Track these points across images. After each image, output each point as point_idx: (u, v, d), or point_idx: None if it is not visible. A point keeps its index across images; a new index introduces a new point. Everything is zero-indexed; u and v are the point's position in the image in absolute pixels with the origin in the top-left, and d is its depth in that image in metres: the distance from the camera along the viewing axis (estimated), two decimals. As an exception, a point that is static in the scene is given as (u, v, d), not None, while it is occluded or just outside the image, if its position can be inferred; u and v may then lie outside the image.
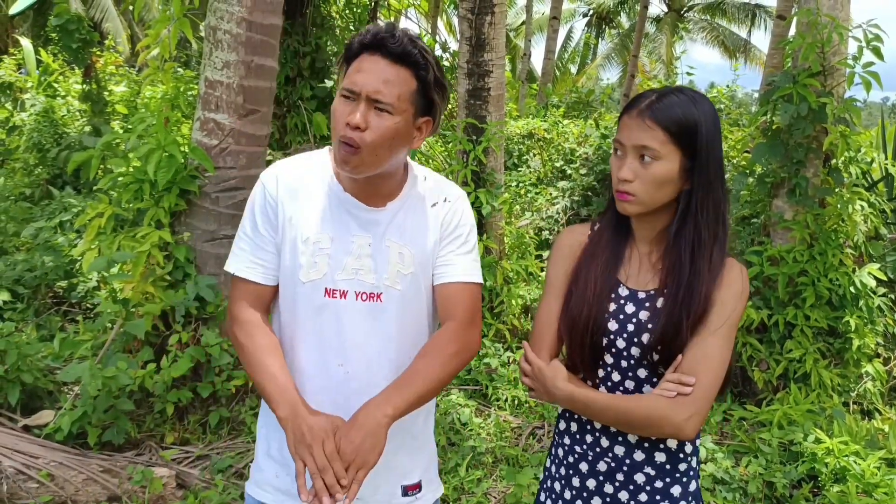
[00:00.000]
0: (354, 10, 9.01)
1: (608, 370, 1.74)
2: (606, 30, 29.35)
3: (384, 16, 8.87)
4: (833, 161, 5.08)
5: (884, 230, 5.59)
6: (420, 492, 1.88)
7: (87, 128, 9.30)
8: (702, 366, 1.62)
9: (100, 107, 9.55)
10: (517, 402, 4.84)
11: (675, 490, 1.75)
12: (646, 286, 1.74)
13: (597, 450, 1.77)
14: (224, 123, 4.20)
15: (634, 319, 1.71)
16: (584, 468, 1.79)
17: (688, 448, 1.77)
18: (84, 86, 9.78)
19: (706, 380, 1.61)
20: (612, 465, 1.75)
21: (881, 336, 5.24)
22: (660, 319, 1.67)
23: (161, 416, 4.11)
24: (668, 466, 1.74)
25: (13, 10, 13.79)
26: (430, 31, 18.59)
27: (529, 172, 9.88)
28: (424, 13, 16.10)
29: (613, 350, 1.73)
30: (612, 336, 1.72)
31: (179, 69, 7.81)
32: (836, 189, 5.03)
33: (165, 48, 4.63)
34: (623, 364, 1.72)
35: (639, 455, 1.73)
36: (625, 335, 1.71)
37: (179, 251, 4.15)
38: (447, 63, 9.02)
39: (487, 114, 6.00)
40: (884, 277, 5.13)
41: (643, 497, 1.74)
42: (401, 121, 1.65)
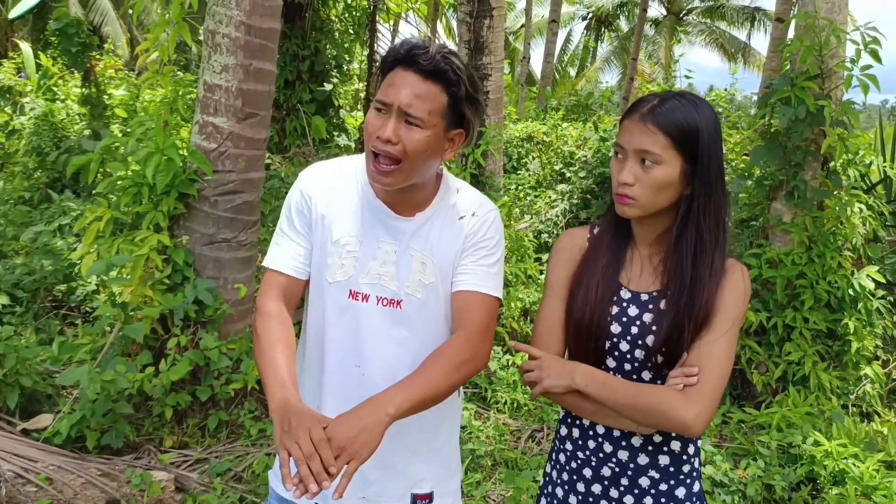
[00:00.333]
0: (353, 14, 9.03)
1: (611, 373, 1.74)
2: (605, 33, 29.37)
3: (383, 20, 8.88)
4: (831, 164, 5.08)
5: (882, 232, 5.60)
6: (430, 502, 1.88)
7: (87, 131, 9.30)
8: (707, 364, 1.62)
9: (99, 110, 9.54)
10: (516, 405, 4.84)
11: (680, 492, 1.76)
12: (647, 288, 1.74)
13: (600, 455, 1.77)
14: (223, 127, 4.21)
15: (638, 322, 1.71)
16: (589, 473, 1.79)
17: (690, 450, 1.77)
18: (83, 89, 9.77)
19: (712, 377, 1.62)
20: (617, 470, 1.75)
21: (880, 338, 5.24)
22: (663, 323, 1.67)
23: (160, 420, 4.11)
24: (672, 469, 1.75)
25: (13, 14, 13.81)
26: (430, 35, 18.60)
27: (528, 175, 9.89)
28: (423, 17, 16.12)
29: (616, 353, 1.73)
30: (616, 339, 1.72)
31: (178, 73, 7.82)
32: (835, 192, 5.03)
33: (164, 52, 4.63)
34: (627, 367, 1.73)
35: (643, 459, 1.74)
36: (628, 338, 1.71)
37: (178, 255, 4.15)
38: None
39: (486, 117, 6.02)
40: (882, 280, 5.14)
41: (648, 500, 1.75)
42: (431, 134, 1.68)
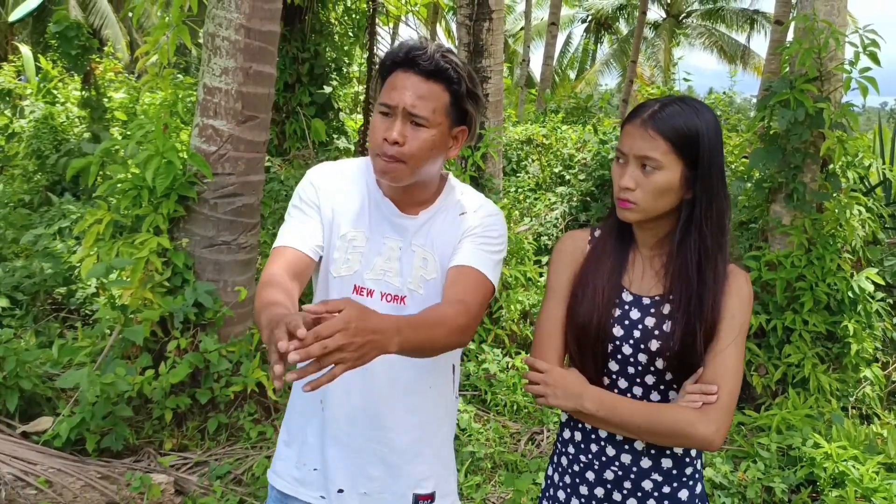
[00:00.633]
0: (353, 17, 9.04)
1: (613, 377, 1.74)
2: (605, 35, 29.40)
3: (382, 22, 8.89)
4: (830, 166, 5.09)
5: (881, 235, 5.61)
6: (432, 503, 1.88)
7: (87, 134, 9.29)
8: (722, 377, 1.63)
9: (99, 113, 9.54)
10: (516, 408, 4.84)
11: (683, 494, 1.75)
12: (649, 291, 1.74)
13: (603, 458, 1.76)
14: (222, 130, 4.21)
15: (640, 325, 1.71)
16: (591, 477, 1.78)
17: (692, 451, 1.77)
18: (83, 92, 9.78)
19: (727, 390, 1.63)
20: (620, 474, 1.75)
21: (879, 340, 5.24)
22: (673, 330, 1.67)
23: (159, 423, 4.11)
24: (675, 472, 1.74)
25: (13, 17, 13.83)
26: (429, 38, 18.60)
27: (528, 178, 9.89)
28: (423, 19, 16.13)
29: (619, 356, 1.72)
30: (618, 342, 1.72)
31: (178, 76, 7.83)
32: (834, 194, 5.03)
33: (164, 55, 4.64)
34: (630, 370, 1.72)
35: (645, 462, 1.73)
36: (631, 341, 1.71)
37: (178, 257, 4.16)
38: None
39: (486, 119, 6.03)
40: (882, 282, 5.14)
41: (651, 503, 1.75)
42: (436, 133, 1.72)
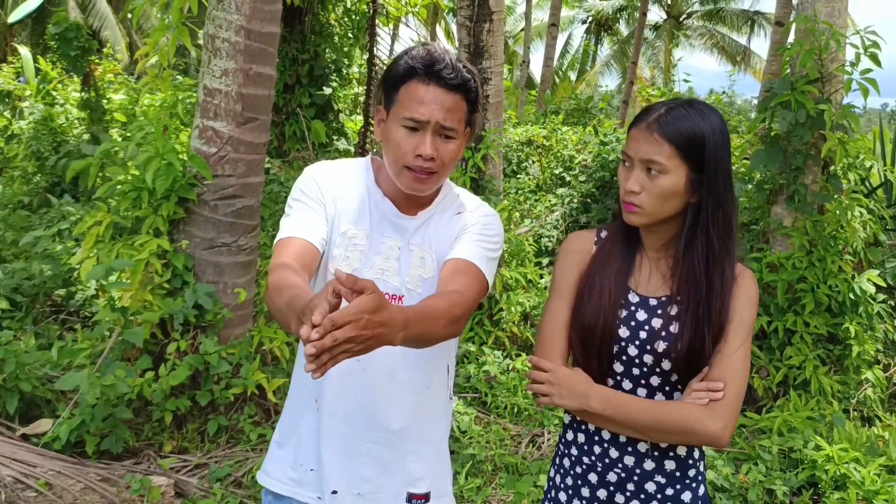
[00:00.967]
0: (353, 18, 9.03)
1: (618, 378, 1.73)
2: (605, 37, 29.41)
3: (382, 23, 8.89)
4: (832, 167, 5.08)
5: (883, 236, 5.59)
6: (427, 503, 1.87)
7: (86, 136, 9.30)
8: (729, 375, 1.63)
9: (98, 115, 9.55)
10: (516, 410, 4.83)
11: (686, 496, 1.75)
12: (656, 293, 1.74)
13: (606, 460, 1.76)
14: (222, 131, 4.20)
15: (647, 327, 1.71)
16: (594, 479, 1.78)
17: (696, 454, 1.77)
18: (83, 94, 9.78)
19: (734, 387, 1.63)
20: (623, 476, 1.74)
21: (881, 342, 5.24)
22: (681, 332, 1.67)
23: (159, 425, 4.10)
24: (679, 473, 1.74)
25: (12, 19, 13.83)
26: (429, 39, 18.63)
27: (528, 179, 9.89)
28: (423, 20, 16.15)
29: (624, 357, 1.72)
30: (624, 343, 1.71)
31: (178, 77, 7.83)
32: (835, 195, 5.03)
33: (164, 56, 4.63)
34: (635, 372, 1.72)
35: (649, 464, 1.73)
36: (637, 342, 1.70)
37: (178, 259, 4.15)
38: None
39: (486, 121, 6.02)
40: (883, 284, 5.14)
41: None
42: (461, 142, 1.76)
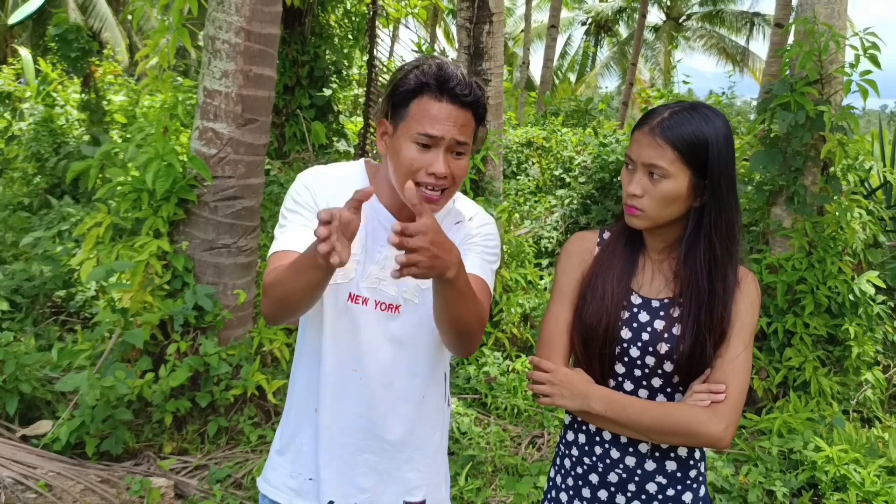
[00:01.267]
0: (353, 20, 9.03)
1: (619, 380, 1.73)
2: (605, 38, 29.43)
3: (382, 24, 8.89)
4: (831, 169, 5.08)
5: (882, 238, 5.60)
6: None
7: (86, 137, 9.30)
8: (730, 377, 1.63)
9: (98, 116, 9.55)
10: (516, 411, 4.83)
11: (687, 497, 1.75)
12: (658, 295, 1.73)
13: (607, 461, 1.76)
14: (222, 133, 4.20)
15: (649, 328, 1.70)
16: (595, 479, 1.77)
17: (697, 454, 1.77)
18: (83, 95, 9.78)
19: (736, 389, 1.63)
20: (624, 476, 1.74)
21: (880, 344, 5.24)
22: (683, 334, 1.67)
23: (159, 426, 4.10)
24: (679, 474, 1.74)
25: (12, 20, 13.84)
26: (429, 40, 18.64)
27: (528, 181, 9.90)
28: (423, 22, 16.15)
29: (626, 359, 1.72)
30: (626, 344, 1.71)
31: (178, 78, 7.82)
32: (835, 197, 5.03)
33: (164, 58, 4.64)
34: (636, 373, 1.72)
35: (650, 465, 1.73)
36: (639, 344, 1.70)
37: (178, 260, 4.15)
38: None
39: (486, 122, 6.02)
40: (883, 285, 5.14)
41: None
42: (469, 156, 1.74)
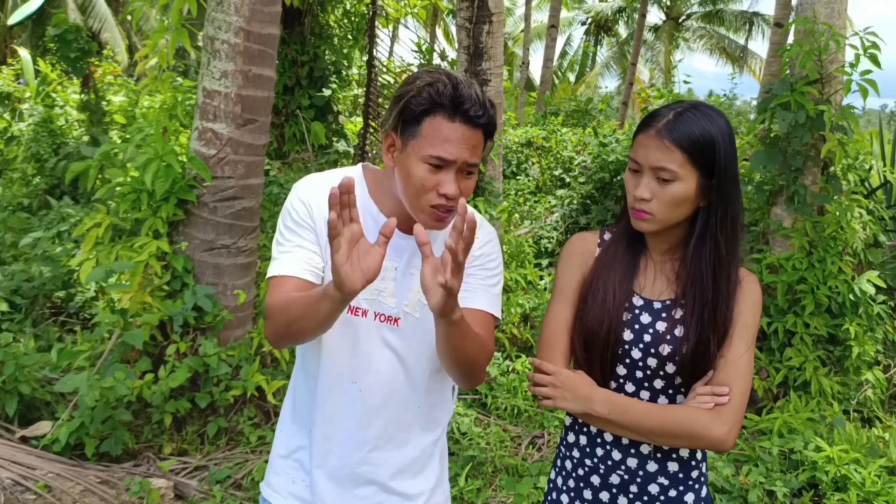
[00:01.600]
0: (352, 20, 9.03)
1: (620, 381, 1.73)
2: (605, 38, 29.43)
3: (382, 25, 8.88)
4: (831, 168, 5.08)
5: (883, 237, 5.60)
6: None
7: (86, 138, 9.29)
8: (733, 379, 1.63)
9: (98, 117, 9.54)
10: (517, 412, 4.82)
11: (689, 497, 1.75)
12: (660, 296, 1.73)
13: (608, 462, 1.75)
14: (222, 133, 4.20)
15: (651, 330, 1.70)
16: (597, 481, 1.77)
17: (698, 455, 1.76)
18: (82, 96, 9.77)
19: (738, 391, 1.62)
20: (626, 478, 1.73)
21: (881, 343, 5.23)
22: (686, 335, 1.66)
23: (159, 427, 4.10)
24: (681, 475, 1.74)
25: (11, 21, 13.83)
26: (428, 40, 18.64)
27: (528, 181, 9.90)
28: (422, 22, 16.16)
29: (628, 360, 1.71)
30: (627, 346, 1.70)
31: (178, 79, 7.82)
32: (835, 196, 5.03)
33: (163, 58, 4.63)
34: (638, 374, 1.71)
35: (652, 466, 1.72)
36: (641, 345, 1.69)
37: (177, 261, 4.14)
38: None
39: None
40: (883, 285, 5.13)
41: None
42: (477, 173, 1.70)
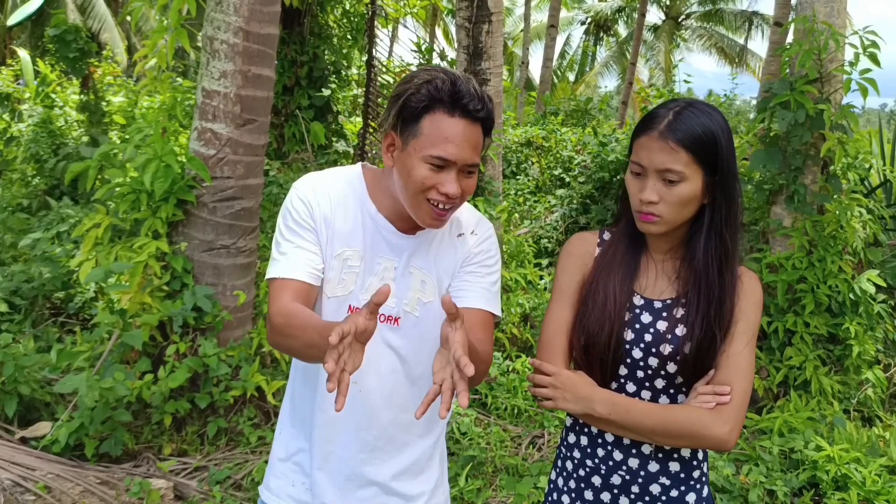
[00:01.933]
0: (352, 20, 9.03)
1: (622, 381, 1.72)
2: (604, 38, 29.43)
3: (381, 25, 8.88)
4: (831, 168, 5.08)
5: (883, 236, 5.60)
6: None
7: (85, 138, 9.28)
8: (735, 378, 1.62)
9: (97, 117, 9.53)
10: (517, 412, 4.82)
11: (691, 497, 1.74)
12: (661, 296, 1.72)
13: (609, 463, 1.75)
14: (221, 133, 4.19)
15: (652, 329, 1.69)
16: (598, 482, 1.76)
17: (700, 455, 1.76)
18: (82, 96, 9.76)
19: (740, 390, 1.62)
20: (627, 478, 1.73)
21: (881, 342, 5.23)
22: (688, 334, 1.65)
23: (159, 428, 4.09)
24: (683, 475, 1.73)
25: (11, 21, 13.83)
26: (428, 40, 18.63)
27: (528, 180, 9.90)
28: (422, 22, 16.16)
29: (629, 360, 1.70)
30: (628, 346, 1.70)
31: (177, 79, 7.82)
32: (835, 196, 5.02)
33: (162, 58, 4.63)
34: (639, 374, 1.70)
35: (653, 466, 1.72)
36: (642, 345, 1.69)
37: (177, 261, 4.14)
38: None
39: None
40: (883, 284, 5.13)
41: None
42: (478, 172, 1.69)
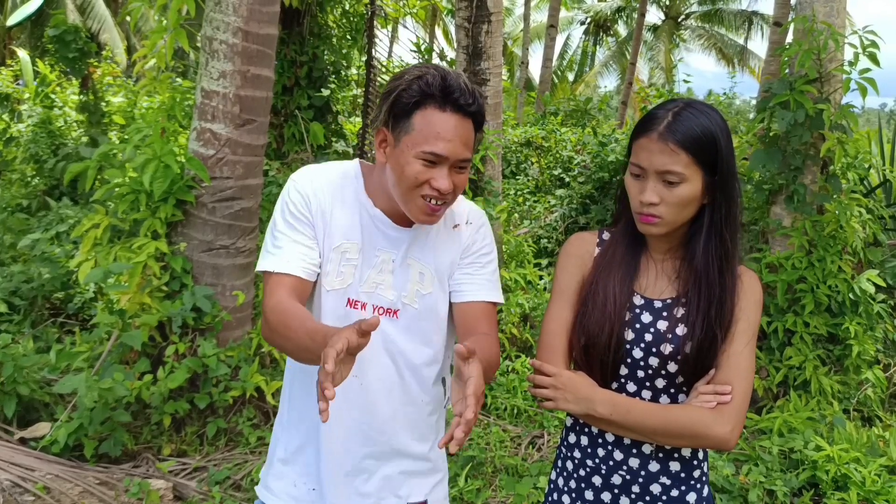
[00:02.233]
0: (351, 20, 9.02)
1: (622, 381, 1.72)
2: (604, 38, 29.42)
3: (381, 24, 8.88)
4: (831, 167, 5.08)
5: (882, 236, 5.59)
6: None
7: (84, 138, 9.28)
8: (735, 377, 1.62)
9: (97, 117, 9.52)
10: (516, 412, 4.82)
11: (691, 497, 1.74)
12: (661, 295, 1.72)
13: (610, 463, 1.74)
14: (220, 133, 4.19)
15: (652, 329, 1.69)
16: (598, 482, 1.76)
17: (700, 454, 1.76)
18: (81, 96, 9.76)
19: (741, 390, 1.62)
20: (628, 478, 1.73)
21: (881, 342, 5.23)
22: (689, 333, 1.65)
23: (158, 428, 4.09)
24: (683, 475, 1.73)
25: (10, 22, 13.83)
26: (427, 40, 18.64)
27: (527, 181, 9.90)
28: (421, 22, 16.15)
29: (629, 360, 1.70)
30: (628, 346, 1.69)
31: (176, 79, 7.82)
32: (835, 195, 5.02)
33: (162, 58, 4.62)
34: (640, 374, 1.70)
35: (654, 466, 1.72)
36: (642, 345, 1.69)
37: (176, 262, 4.14)
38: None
39: (485, 122, 6.02)
40: (883, 284, 5.13)
41: None
42: (470, 168, 1.70)
